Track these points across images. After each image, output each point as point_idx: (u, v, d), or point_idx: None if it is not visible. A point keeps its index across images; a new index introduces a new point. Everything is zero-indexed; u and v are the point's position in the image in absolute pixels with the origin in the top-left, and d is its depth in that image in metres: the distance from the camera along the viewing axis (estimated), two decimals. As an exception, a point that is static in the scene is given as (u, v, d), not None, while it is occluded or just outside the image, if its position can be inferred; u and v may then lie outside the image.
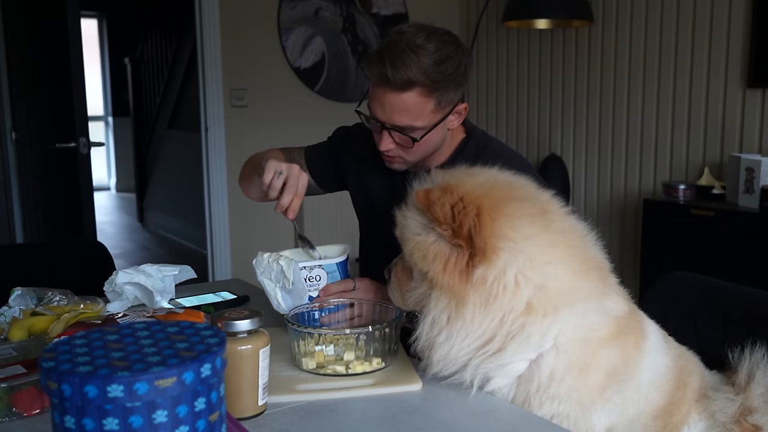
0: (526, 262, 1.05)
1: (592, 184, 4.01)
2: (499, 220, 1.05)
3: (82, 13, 3.74)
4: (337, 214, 4.08)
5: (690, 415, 1.22)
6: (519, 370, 1.09)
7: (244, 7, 4.04)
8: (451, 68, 1.41)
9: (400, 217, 1.16)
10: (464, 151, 1.59)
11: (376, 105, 1.45)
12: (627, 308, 1.16)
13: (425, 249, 1.07)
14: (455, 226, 1.04)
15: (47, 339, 1.23)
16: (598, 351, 1.08)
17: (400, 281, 1.20)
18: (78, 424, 0.63)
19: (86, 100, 3.39)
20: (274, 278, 1.30)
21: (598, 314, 1.09)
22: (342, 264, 1.39)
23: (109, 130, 9.35)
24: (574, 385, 1.07)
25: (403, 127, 1.44)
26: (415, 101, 1.40)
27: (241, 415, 1.02)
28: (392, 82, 1.38)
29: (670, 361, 1.21)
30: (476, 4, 4.54)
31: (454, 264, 1.05)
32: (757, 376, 1.21)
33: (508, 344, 1.06)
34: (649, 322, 1.24)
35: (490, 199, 1.07)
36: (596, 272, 1.13)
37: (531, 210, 1.09)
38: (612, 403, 1.10)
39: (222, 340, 0.71)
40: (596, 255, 1.16)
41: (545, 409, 1.08)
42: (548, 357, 1.07)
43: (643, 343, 1.16)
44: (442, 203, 1.05)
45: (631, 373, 1.12)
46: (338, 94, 4.36)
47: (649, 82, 3.64)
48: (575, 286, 1.08)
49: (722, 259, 2.98)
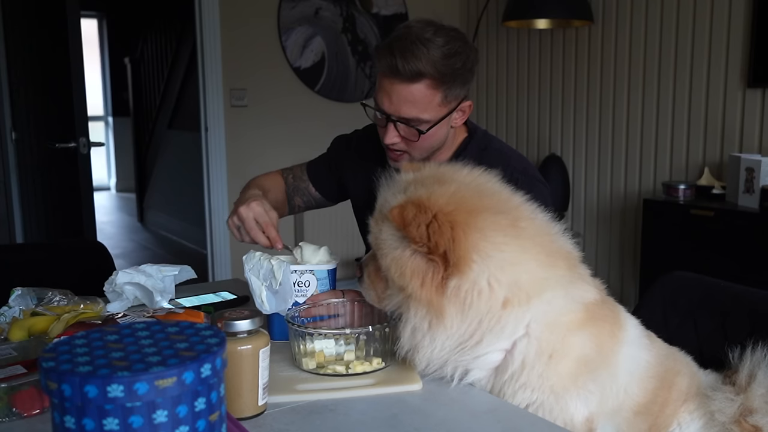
0: (497, 268, 1.07)
1: (592, 184, 4.01)
2: (472, 234, 1.07)
3: (82, 13, 3.74)
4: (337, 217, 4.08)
5: (678, 416, 1.22)
6: (495, 361, 1.11)
7: (244, 6, 4.04)
8: (459, 63, 1.43)
9: (374, 226, 1.16)
10: (466, 150, 1.60)
11: (384, 96, 1.46)
12: (598, 296, 1.17)
13: (403, 266, 1.09)
14: (431, 245, 1.06)
15: (47, 339, 1.23)
16: (567, 337, 1.10)
17: (374, 282, 1.21)
18: (78, 424, 0.63)
19: (86, 100, 3.39)
20: (261, 277, 1.29)
21: (564, 300, 1.11)
22: (332, 272, 1.38)
23: (109, 130, 9.35)
24: (545, 372, 1.08)
25: (409, 119, 1.45)
26: (423, 93, 1.42)
27: (241, 415, 1.02)
28: (402, 72, 1.40)
29: (653, 358, 1.21)
30: (476, 4, 4.54)
31: (431, 280, 1.07)
32: (758, 377, 1.21)
33: (485, 336, 1.08)
34: (628, 316, 1.24)
35: (462, 214, 1.08)
36: (563, 262, 1.15)
37: (503, 221, 1.11)
38: (588, 391, 1.10)
39: (222, 340, 0.71)
40: (563, 247, 1.17)
41: (519, 397, 1.09)
42: (520, 345, 1.09)
43: (620, 334, 1.17)
44: (418, 224, 1.06)
45: (606, 362, 1.13)
46: (338, 94, 4.36)
47: (649, 82, 3.64)
48: (543, 276, 1.10)
49: (722, 259, 2.98)
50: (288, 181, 1.79)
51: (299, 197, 1.80)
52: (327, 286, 1.38)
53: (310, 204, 1.84)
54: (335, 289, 1.39)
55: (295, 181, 1.80)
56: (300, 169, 1.81)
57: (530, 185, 1.53)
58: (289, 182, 1.79)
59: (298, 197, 1.80)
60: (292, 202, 1.80)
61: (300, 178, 1.80)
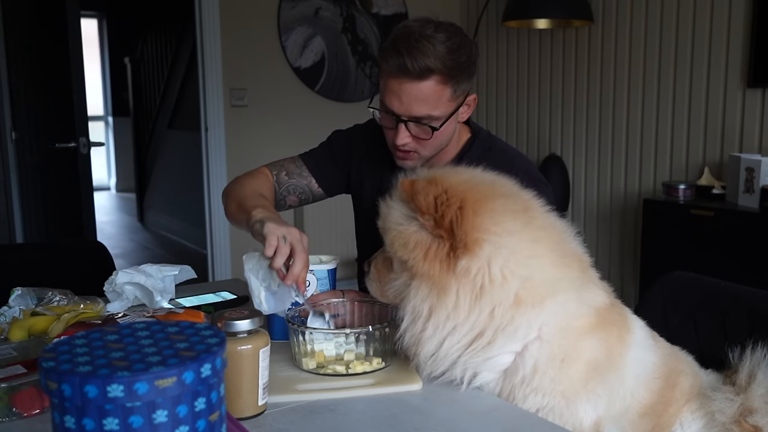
0: (510, 256, 1.06)
1: (592, 184, 4.00)
2: (482, 215, 1.06)
3: (82, 13, 3.74)
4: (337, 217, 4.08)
5: (680, 415, 1.22)
6: (505, 363, 1.10)
7: (244, 6, 4.04)
8: (464, 56, 1.43)
9: (383, 207, 1.17)
10: (471, 150, 1.59)
11: (393, 98, 1.45)
12: (608, 301, 1.17)
13: (406, 237, 1.09)
14: (437, 216, 1.05)
15: (47, 339, 1.23)
16: (579, 341, 1.09)
17: (380, 273, 1.21)
18: (78, 424, 0.63)
19: (86, 100, 3.39)
20: (261, 277, 1.28)
21: (578, 304, 1.11)
22: (332, 272, 1.38)
23: (109, 130, 9.35)
24: (557, 377, 1.08)
25: (420, 117, 1.44)
26: (433, 89, 1.42)
27: (241, 415, 1.02)
28: (411, 71, 1.39)
29: (658, 359, 1.21)
30: (476, 4, 4.54)
31: (434, 253, 1.06)
32: (758, 377, 1.21)
33: (497, 337, 1.07)
34: (635, 318, 1.24)
35: (474, 193, 1.08)
36: (576, 264, 1.15)
37: (514, 207, 1.11)
38: (597, 395, 1.10)
39: (222, 340, 0.71)
40: (576, 249, 1.18)
41: (529, 402, 1.09)
42: (532, 348, 1.08)
43: (628, 337, 1.16)
44: (426, 193, 1.06)
45: (614, 366, 1.13)
46: (338, 94, 4.36)
47: (649, 82, 3.64)
48: (558, 277, 1.10)
49: (722, 259, 2.98)
50: (280, 179, 1.68)
51: (294, 195, 1.70)
52: (327, 286, 1.38)
53: (306, 201, 1.74)
54: (335, 289, 1.39)
55: (290, 178, 1.69)
56: (295, 165, 1.70)
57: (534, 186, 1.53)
58: (282, 180, 1.68)
59: (294, 196, 1.70)
60: (282, 202, 1.70)
61: (299, 175, 1.70)
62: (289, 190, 1.70)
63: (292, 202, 1.72)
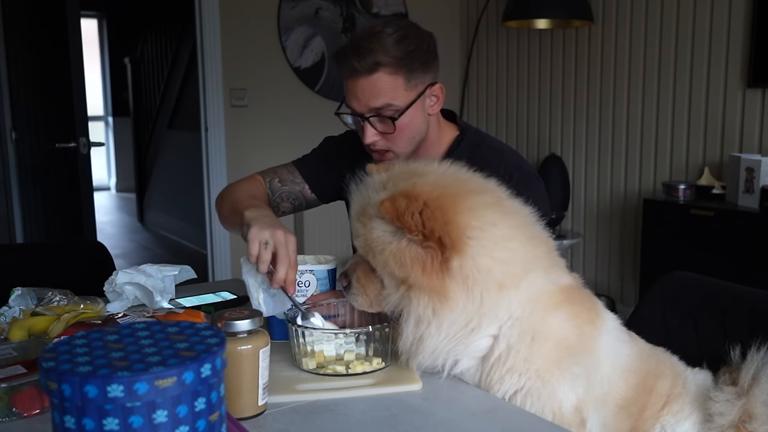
0: (492, 245, 1.10)
1: (592, 184, 4.01)
2: (462, 214, 1.10)
3: (82, 13, 3.74)
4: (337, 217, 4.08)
5: (660, 419, 1.22)
6: (483, 348, 1.13)
7: (244, 6, 4.04)
8: (413, 45, 1.46)
9: (360, 228, 1.16)
10: (459, 147, 1.60)
11: (352, 98, 1.50)
12: (574, 283, 1.21)
13: (402, 256, 1.10)
14: (426, 231, 1.07)
15: (47, 339, 1.23)
16: (547, 317, 1.12)
17: (364, 287, 1.20)
18: (78, 424, 0.63)
19: (86, 100, 3.39)
20: (259, 279, 1.28)
21: (544, 282, 1.15)
22: (332, 272, 1.38)
23: (109, 130, 9.35)
24: (530, 356, 1.10)
25: (379, 107, 1.47)
26: (384, 80, 1.46)
27: (241, 415, 1.02)
28: (359, 69, 1.45)
29: (634, 354, 1.23)
30: (476, 4, 4.54)
31: (431, 265, 1.08)
32: (761, 382, 1.19)
33: (483, 321, 1.10)
34: (606, 310, 1.26)
35: (449, 198, 1.11)
36: (543, 245, 1.19)
37: (489, 200, 1.15)
38: (573, 375, 1.12)
39: (222, 340, 0.71)
40: (542, 232, 1.22)
41: (506, 384, 1.11)
42: (505, 328, 1.11)
43: (598, 321, 1.19)
44: (411, 212, 1.08)
45: (587, 348, 1.15)
46: (338, 94, 4.33)
47: (649, 82, 3.64)
48: (528, 257, 1.14)
49: (722, 259, 2.98)
50: (273, 186, 1.67)
51: (288, 202, 1.70)
52: (327, 286, 1.38)
53: (299, 207, 1.73)
54: (335, 289, 1.39)
55: (283, 185, 1.68)
56: (287, 172, 1.70)
57: (526, 181, 1.53)
58: (275, 187, 1.67)
59: (287, 202, 1.70)
60: (276, 209, 1.67)
61: (292, 181, 1.69)
62: (283, 197, 1.70)
63: (286, 209, 1.72)
